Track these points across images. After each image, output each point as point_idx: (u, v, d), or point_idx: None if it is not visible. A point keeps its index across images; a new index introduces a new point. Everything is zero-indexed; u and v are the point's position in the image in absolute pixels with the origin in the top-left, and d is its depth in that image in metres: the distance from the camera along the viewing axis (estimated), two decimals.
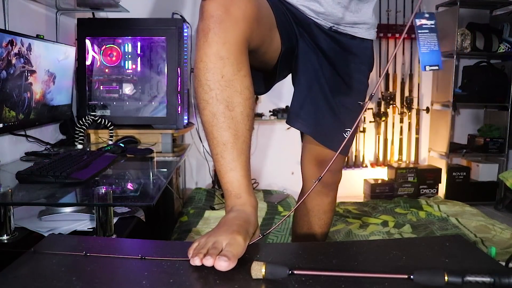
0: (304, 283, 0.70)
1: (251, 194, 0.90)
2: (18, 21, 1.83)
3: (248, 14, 0.87)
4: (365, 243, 1.35)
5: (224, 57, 0.85)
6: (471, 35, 3.06)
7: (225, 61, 0.86)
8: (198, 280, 0.72)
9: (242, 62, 0.88)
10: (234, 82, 0.87)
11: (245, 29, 0.87)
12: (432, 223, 2.44)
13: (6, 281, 0.70)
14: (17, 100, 1.66)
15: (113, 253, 0.85)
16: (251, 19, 0.88)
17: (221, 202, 2.74)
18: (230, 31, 0.85)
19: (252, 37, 0.91)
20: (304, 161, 1.31)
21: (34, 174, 1.37)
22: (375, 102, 3.32)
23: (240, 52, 0.87)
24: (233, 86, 0.87)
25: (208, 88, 0.87)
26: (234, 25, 0.85)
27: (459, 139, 3.45)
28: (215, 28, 0.84)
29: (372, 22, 1.22)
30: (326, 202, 1.32)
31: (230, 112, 0.88)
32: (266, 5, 1.01)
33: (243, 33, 0.87)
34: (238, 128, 0.89)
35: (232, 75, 0.87)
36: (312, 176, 1.29)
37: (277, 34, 1.06)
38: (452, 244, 0.89)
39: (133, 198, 1.31)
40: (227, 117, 0.87)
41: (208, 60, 0.86)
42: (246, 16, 0.87)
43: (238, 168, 0.89)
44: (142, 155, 1.95)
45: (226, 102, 0.87)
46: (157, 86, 2.31)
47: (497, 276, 0.68)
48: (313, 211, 1.33)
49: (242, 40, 0.88)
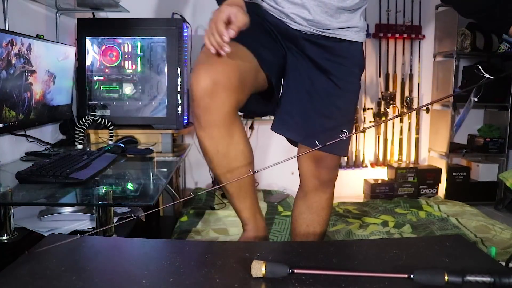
0: (304, 282, 0.70)
1: (258, 218, 1.22)
2: (18, 21, 1.83)
3: (231, 94, 1.02)
4: (365, 242, 1.35)
5: (215, 136, 1.05)
6: (471, 35, 3.06)
7: (216, 139, 1.06)
8: (199, 279, 0.72)
9: (233, 130, 1.07)
10: (229, 152, 1.08)
11: (231, 105, 1.03)
12: (432, 223, 2.43)
13: (6, 281, 0.70)
14: (17, 100, 1.66)
15: (113, 253, 0.85)
16: (235, 94, 1.03)
17: (221, 202, 2.74)
18: (216, 114, 1.02)
19: (240, 98, 1.06)
20: (301, 159, 1.33)
21: (34, 174, 1.37)
22: (375, 102, 3.32)
23: (230, 123, 1.05)
24: (229, 155, 1.09)
25: (210, 160, 1.11)
26: (219, 109, 1.02)
27: (459, 139, 3.45)
28: (204, 116, 1.03)
29: (361, 25, 1.25)
30: (324, 198, 1.36)
31: (232, 174, 1.10)
32: (245, 54, 1.10)
33: (229, 109, 1.03)
34: (240, 184, 1.13)
35: (225, 147, 1.07)
36: (309, 173, 1.32)
37: (262, 72, 1.16)
38: (452, 244, 0.89)
39: (133, 198, 1.31)
40: (229, 178, 1.10)
41: (203, 139, 1.07)
42: (229, 96, 1.02)
43: (245, 209, 1.18)
44: (142, 155, 1.95)
45: (226, 169, 1.10)
46: (157, 86, 2.31)
47: (497, 276, 0.68)
48: (311, 208, 1.36)
49: (230, 114, 1.04)
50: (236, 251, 0.87)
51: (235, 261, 0.78)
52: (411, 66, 3.33)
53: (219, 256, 0.86)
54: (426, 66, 3.34)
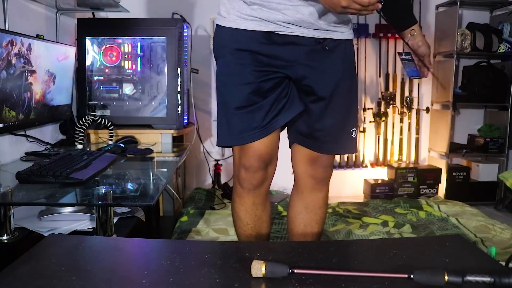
0: (304, 282, 0.70)
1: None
2: (18, 21, 1.83)
3: (274, 166, 1.30)
4: (365, 242, 1.35)
5: (259, 203, 1.30)
6: (471, 35, 3.06)
7: (258, 205, 1.30)
8: (199, 279, 0.72)
9: (267, 201, 1.34)
10: (262, 217, 1.32)
11: (273, 174, 1.31)
12: (432, 223, 2.43)
13: (6, 281, 0.70)
14: (17, 100, 1.66)
15: (113, 253, 0.85)
16: (275, 163, 1.30)
17: (221, 202, 2.74)
18: (265, 186, 1.29)
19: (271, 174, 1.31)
20: (296, 160, 1.36)
21: (34, 174, 1.37)
22: (375, 102, 3.32)
23: (266, 198, 1.33)
24: (262, 218, 1.33)
25: (246, 223, 1.32)
26: (267, 181, 1.29)
27: (459, 139, 3.45)
28: (254, 190, 1.27)
29: (350, 23, 1.27)
30: (320, 197, 1.37)
31: (257, 234, 1.33)
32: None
33: (271, 178, 1.31)
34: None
35: (261, 211, 1.31)
36: (305, 173, 1.34)
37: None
38: (452, 244, 0.89)
39: (133, 198, 1.31)
40: (252, 238, 1.33)
41: (244, 206, 1.30)
42: (273, 170, 1.30)
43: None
44: (142, 155, 1.95)
45: (257, 230, 1.33)
46: (157, 86, 2.31)
47: (497, 276, 0.68)
48: (308, 208, 1.37)
49: (270, 182, 1.32)
50: (236, 251, 0.87)
51: (235, 261, 0.78)
52: None
53: (219, 256, 0.86)
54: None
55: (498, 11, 3.33)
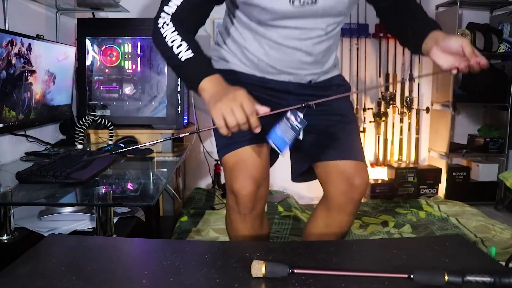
0: (304, 282, 0.70)
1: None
2: (18, 21, 1.83)
3: (267, 186, 1.26)
4: (365, 242, 1.35)
5: (256, 225, 1.27)
6: (471, 35, 3.06)
7: (256, 227, 1.27)
8: (199, 279, 0.72)
9: (264, 218, 1.31)
10: (262, 235, 1.31)
11: (267, 195, 1.28)
12: (432, 223, 2.43)
13: (6, 281, 0.70)
14: (17, 100, 1.66)
15: (113, 253, 0.85)
16: (267, 184, 1.26)
17: (221, 202, 2.74)
18: (259, 208, 1.25)
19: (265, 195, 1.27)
20: (331, 178, 1.28)
21: (34, 174, 1.37)
22: (375, 102, 3.32)
23: (264, 211, 1.29)
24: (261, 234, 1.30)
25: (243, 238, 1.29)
26: (261, 202, 1.25)
27: (459, 139, 3.45)
28: (250, 213, 1.23)
29: (337, 61, 1.36)
30: (345, 220, 1.30)
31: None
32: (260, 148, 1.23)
33: (266, 199, 1.28)
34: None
35: (259, 231, 1.29)
36: (338, 192, 1.27)
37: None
38: (452, 244, 0.89)
39: (133, 198, 1.31)
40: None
41: (243, 229, 1.26)
42: (266, 190, 1.25)
43: None
44: (142, 155, 1.95)
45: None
46: (157, 86, 2.31)
47: (497, 276, 0.68)
48: (330, 227, 1.31)
49: (265, 202, 1.29)
50: (236, 251, 0.87)
51: (235, 261, 0.78)
52: (411, 66, 3.33)
53: (219, 256, 0.86)
54: (426, 66, 3.34)
55: (498, 11, 3.33)
